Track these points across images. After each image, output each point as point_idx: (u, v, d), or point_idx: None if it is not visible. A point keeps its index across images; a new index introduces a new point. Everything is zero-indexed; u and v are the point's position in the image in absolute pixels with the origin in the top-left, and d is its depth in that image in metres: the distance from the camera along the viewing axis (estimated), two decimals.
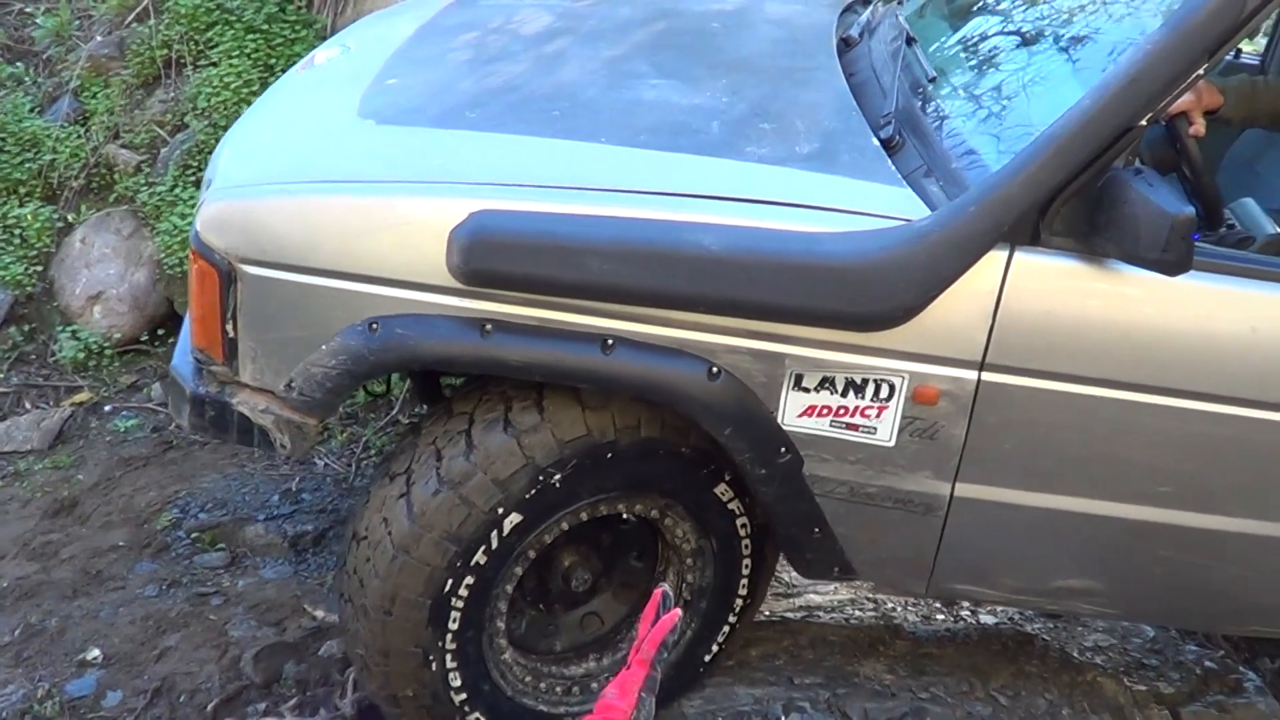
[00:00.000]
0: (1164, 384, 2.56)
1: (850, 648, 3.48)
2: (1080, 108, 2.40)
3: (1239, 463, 2.68)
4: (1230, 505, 2.74)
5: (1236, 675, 3.82)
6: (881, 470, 2.62)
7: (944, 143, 2.65)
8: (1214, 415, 2.60)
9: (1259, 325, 2.56)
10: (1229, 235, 3.01)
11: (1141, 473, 2.67)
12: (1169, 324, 2.54)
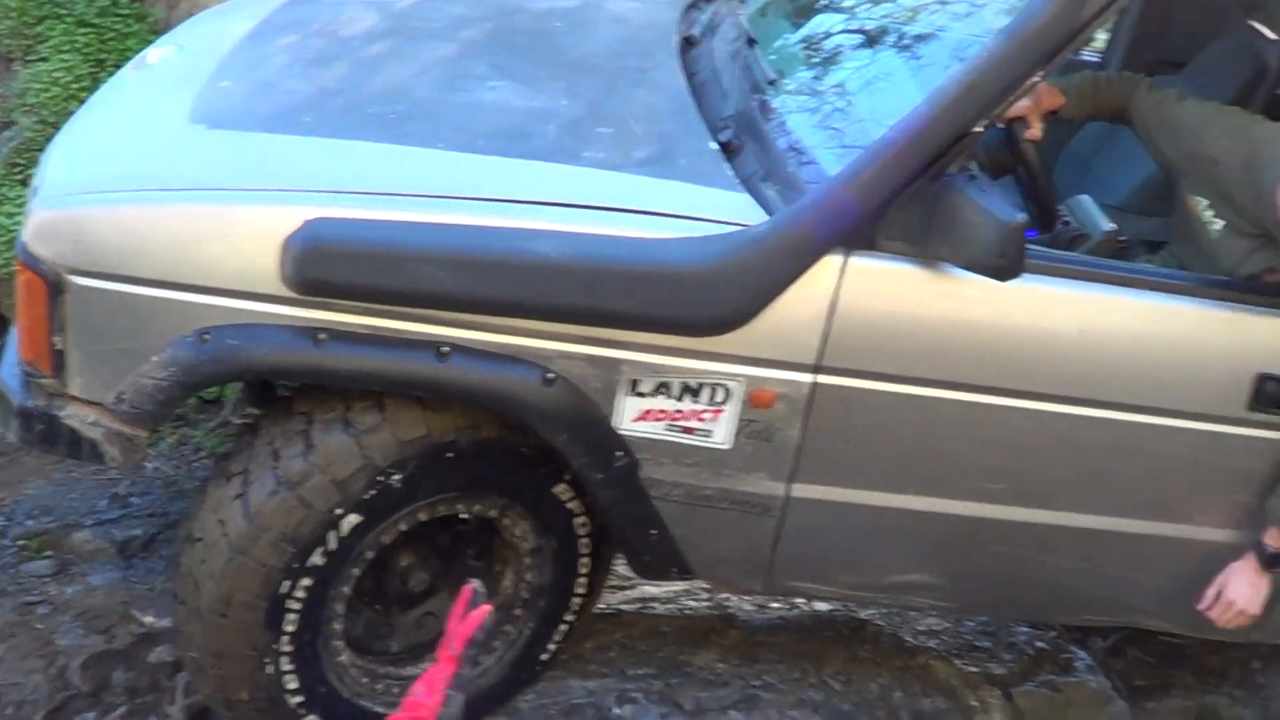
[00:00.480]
0: (997, 384, 2.66)
1: (684, 638, 3.54)
2: (917, 113, 2.46)
3: (1069, 459, 2.79)
4: (1061, 500, 2.86)
5: (1068, 655, 3.97)
6: (718, 473, 2.67)
7: (782, 146, 2.69)
8: (1045, 414, 2.70)
9: (1087, 325, 2.67)
10: (1065, 232, 3.13)
11: (975, 470, 2.77)
12: (1001, 325, 2.63)
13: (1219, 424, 2.76)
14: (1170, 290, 2.74)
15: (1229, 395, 2.73)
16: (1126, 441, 2.78)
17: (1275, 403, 2.75)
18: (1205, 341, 2.73)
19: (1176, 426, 2.75)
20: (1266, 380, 2.72)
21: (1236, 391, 2.73)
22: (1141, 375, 2.72)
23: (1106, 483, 2.85)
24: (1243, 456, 2.83)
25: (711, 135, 2.76)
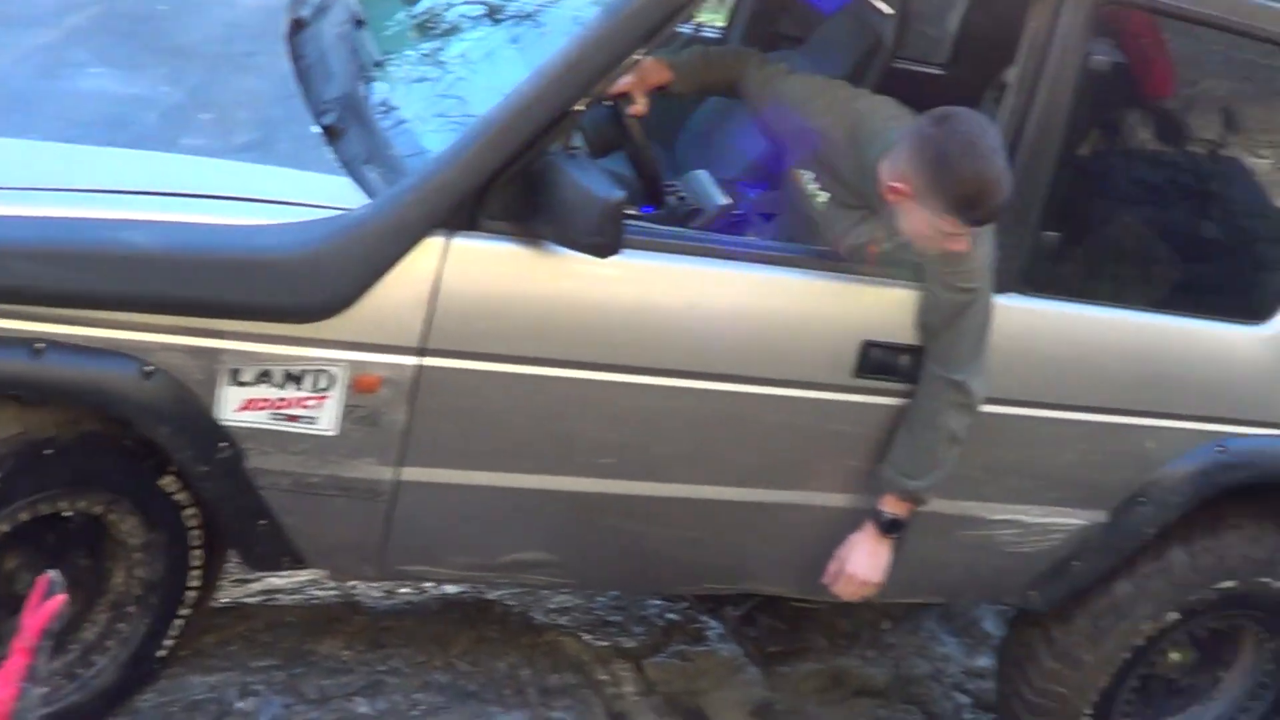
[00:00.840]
0: (606, 360, 2.93)
1: (308, 628, 3.72)
2: (517, 92, 2.73)
3: (682, 432, 3.09)
4: (674, 472, 3.16)
5: (699, 625, 4.38)
6: (325, 460, 2.86)
7: (385, 129, 2.93)
8: (656, 388, 2.98)
9: (696, 300, 2.99)
10: (680, 208, 3.44)
11: (586, 446, 3.04)
12: (608, 303, 2.92)
13: (827, 391, 3.06)
14: (777, 262, 3.08)
15: (836, 363, 3.03)
16: (738, 412, 3.04)
17: (879, 369, 3.11)
18: (812, 311, 3.03)
19: (786, 395, 3.04)
20: (871, 347, 3.04)
21: (843, 359, 3.03)
22: (750, 346, 2.98)
23: (720, 453, 3.10)
24: (850, 422, 3.13)
25: (314, 119, 2.97)
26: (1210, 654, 4.19)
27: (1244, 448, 3.61)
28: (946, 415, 3.08)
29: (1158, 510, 3.58)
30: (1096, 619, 3.77)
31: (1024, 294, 3.24)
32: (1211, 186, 3.60)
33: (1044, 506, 3.51)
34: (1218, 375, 3.56)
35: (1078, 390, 3.38)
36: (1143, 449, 3.53)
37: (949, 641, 4.73)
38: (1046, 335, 3.34)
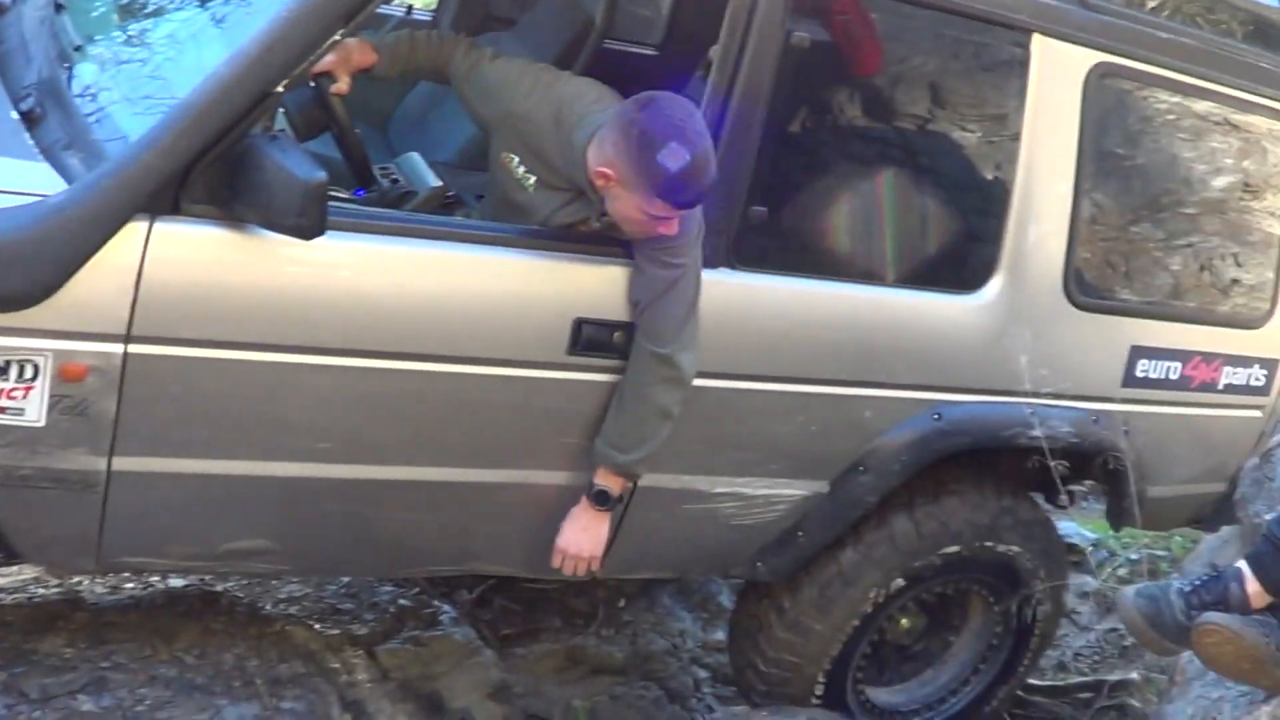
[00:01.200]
0: (319, 344, 3.10)
1: (29, 626, 3.80)
2: (216, 75, 2.89)
3: (398, 414, 3.28)
4: (392, 455, 3.35)
5: (432, 610, 4.63)
6: (34, 451, 2.93)
7: (85, 114, 3.06)
8: (370, 371, 3.17)
9: (406, 281, 3.18)
10: (393, 190, 3.65)
11: (302, 431, 3.21)
12: (317, 285, 3.09)
13: (543, 370, 3.28)
14: (489, 242, 3.30)
15: (550, 341, 3.25)
16: (453, 393, 3.24)
17: (593, 346, 3.34)
18: (524, 290, 3.24)
19: (501, 375, 3.25)
20: (583, 324, 3.27)
21: (557, 337, 3.26)
22: (463, 326, 3.18)
23: (437, 435, 3.30)
24: (566, 400, 3.36)
25: (13, 104, 3.08)
26: (940, 619, 4.60)
27: (959, 415, 3.96)
28: (655, 389, 3.33)
29: (878, 479, 3.92)
30: (824, 588, 4.10)
31: (734, 269, 3.52)
32: (921, 161, 3.91)
33: (765, 479, 3.81)
34: (932, 345, 3.90)
35: (793, 362, 3.68)
36: (861, 419, 3.85)
37: (685, 617, 5.06)
38: (758, 309, 3.62)
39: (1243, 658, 2.86)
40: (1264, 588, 2.96)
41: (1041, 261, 4.00)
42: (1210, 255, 4.44)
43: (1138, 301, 4.31)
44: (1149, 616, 3.05)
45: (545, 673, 4.63)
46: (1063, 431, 4.08)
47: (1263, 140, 4.48)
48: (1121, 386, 4.27)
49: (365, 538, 3.51)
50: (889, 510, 4.10)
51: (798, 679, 4.23)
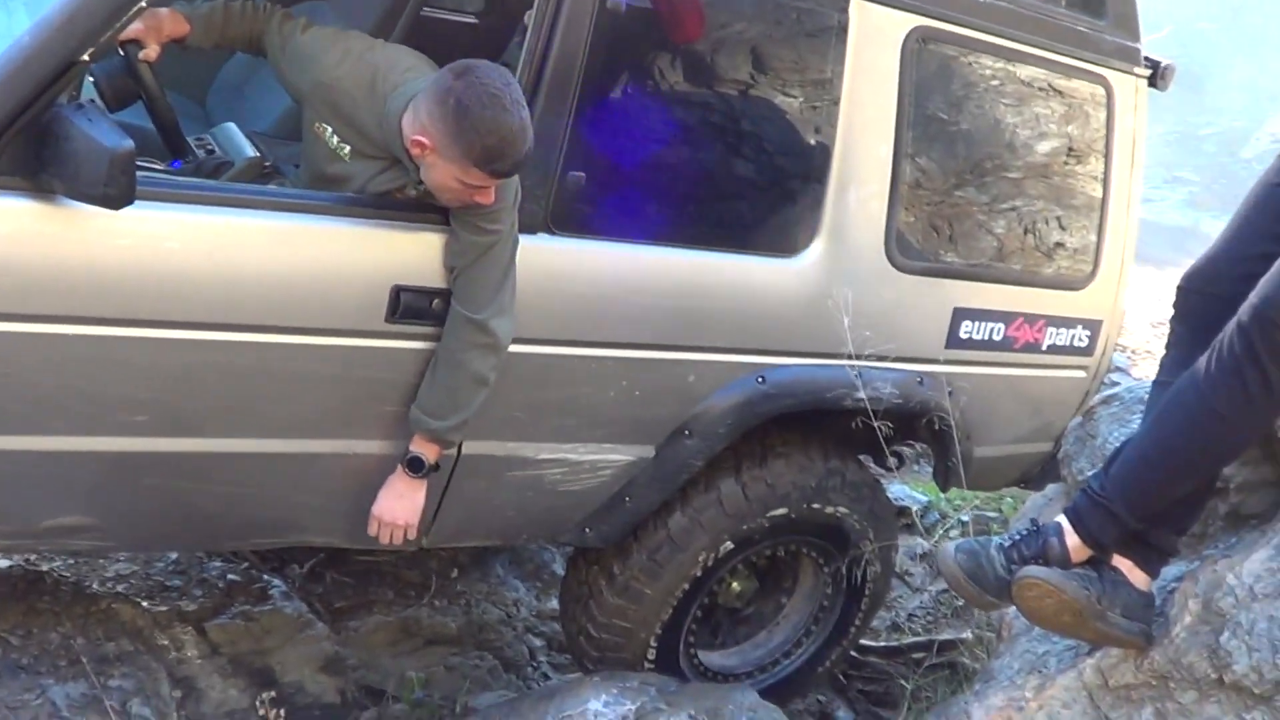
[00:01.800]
0: (133, 315, 3.11)
1: None
2: (18, 45, 2.88)
3: (216, 385, 3.30)
4: (211, 427, 3.38)
5: (262, 584, 4.68)
6: None
7: None
8: (185, 342, 3.18)
9: (220, 251, 3.20)
10: (209, 160, 3.68)
11: (118, 405, 3.22)
12: (128, 256, 3.09)
13: (362, 338, 3.33)
14: (304, 210, 3.33)
15: (369, 309, 3.30)
16: (272, 363, 3.26)
17: (411, 314, 3.39)
18: (342, 258, 3.29)
19: (320, 344, 3.28)
20: (401, 292, 3.32)
21: (375, 305, 3.30)
22: (281, 296, 3.20)
23: (256, 405, 3.32)
24: (386, 368, 3.40)
25: None
26: (771, 582, 4.73)
27: (783, 378, 4.07)
28: (470, 355, 3.38)
29: (703, 443, 4.01)
30: (653, 552, 4.20)
31: (552, 234, 3.59)
32: (742, 126, 3.99)
33: (591, 444, 3.89)
34: (754, 308, 4.00)
35: (614, 327, 3.76)
36: (685, 383, 3.94)
37: (519, 586, 5.15)
38: (578, 275, 3.69)
39: (1064, 610, 2.93)
40: (1083, 541, 3.02)
41: (863, 224, 4.12)
42: (1034, 218, 4.59)
43: (961, 264, 4.44)
44: (969, 571, 3.09)
45: (379, 645, 4.68)
46: (887, 393, 4.19)
47: (1085, 105, 4.64)
48: (945, 348, 4.41)
49: (188, 511, 3.55)
50: (716, 474, 4.20)
51: (630, 644, 4.32)
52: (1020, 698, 3.21)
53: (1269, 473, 3.24)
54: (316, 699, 4.40)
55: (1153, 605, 3.05)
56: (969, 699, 3.47)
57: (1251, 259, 2.93)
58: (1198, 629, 2.92)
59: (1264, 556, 2.90)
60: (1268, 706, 2.74)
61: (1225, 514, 3.34)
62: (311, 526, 3.81)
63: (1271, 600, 2.81)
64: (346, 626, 4.69)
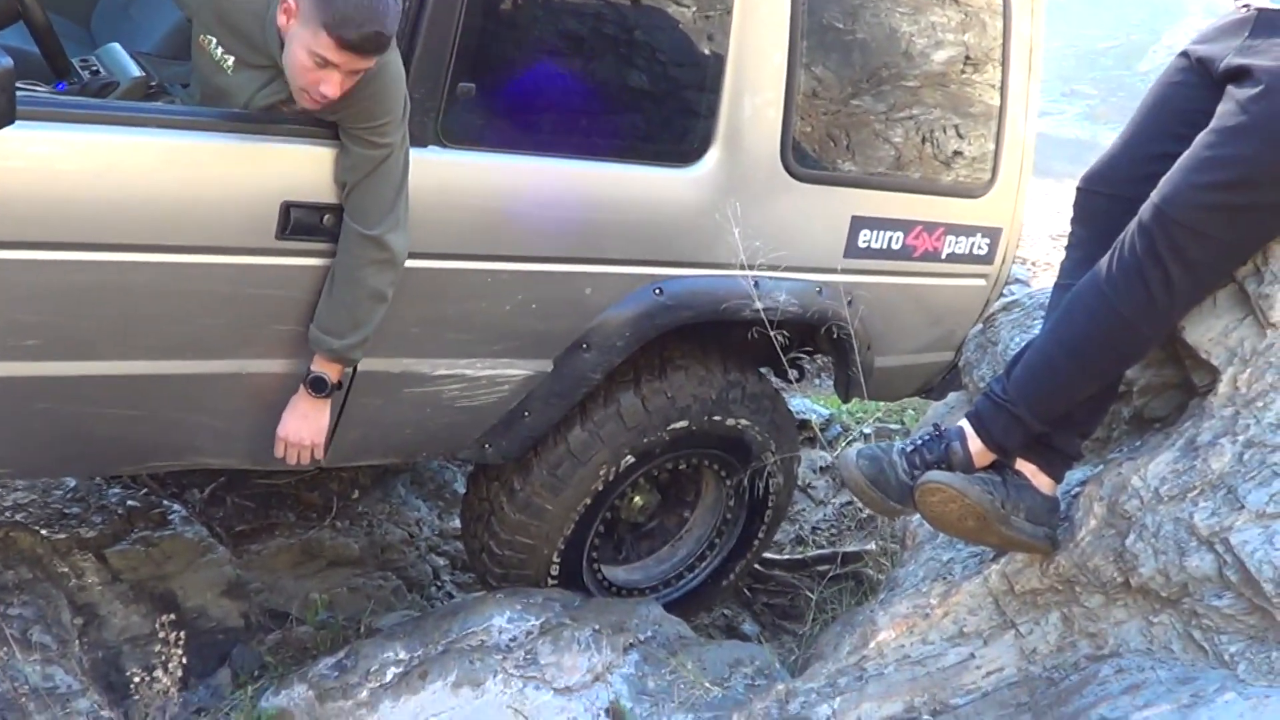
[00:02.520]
0: (13, 238, 3.06)
1: None
2: None
3: (103, 307, 3.25)
4: (102, 349, 3.32)
5: (161, 509, 4.66)
6: None
7: None
8: (71, 263, 3.14)
9: (105, 170, 3.14)
10: (94, 81, 3.61)
11: (5, 329, 3.17)
12: (15, 177, 3.03)
13: (252, 255, 3.29)
14: (189, 127, 3.26)
15: (258, 226, 3.26)
16: (161, 283, 3.24)
17: (301, 230, 3.35)
18: (229, 175, 3.23)
19: (209, 263, 3.25)
20: (291, 208, 3.28)
21: (265, 222, 3.26)
22: (168, 214, 3.16)
23: (147, 327, 3.30)
24: (278, 285, 3.37)
25: None
26: (674, 496, 4.76)
27: (680, 289, 4.07)
28: (366, 272, 3.36)
29: (601, 355, 4.01)
30: (554, 467, 4.21)
31: (444, 146, 3.55)
32: (635, 34, 3.94)
33: (487, 359, 3.88)
34: (651, 219, 3.99)
35: (507, 240, 3.73)
36: (581, 296, 3.93)
37: (420, 506, 5.16)
38: (470, 187, 3.65)
39: (967, 515, 2.93)
40: (986, 445, 3.02)
41: (758, 134, 4.11)
42: (932, 127, 4.60)
43: (858, 172, 4.44)
44: (871, 477, 3.07)
45: (281, 568, 4.69)
46: (785, 303, 4.19)
47: (982, 14, 4.64)
48: (844, 257, 4.42)
49: (82, 436, 3.51)
50: (616, 387, 4.22)
51: (533, 560, 4.34)
52: (926, 605, 3.24)
53: (1172, 375, 3.25)
54: (220, 623, 4.39)
55: (1057, 510, 3.06)
56: (874, 608, 3.50)
57: (1151, 159, 2.95)
58: (1103, 533, 2.94)
59: (1169, 459, 2.91)
60: (1174, 609, 2.77)
61: (1129, 417, 3.36)
62: (209, 448, 3.77)
63: (1176, 503, 2.82)
64: (248, 550, 4.69)
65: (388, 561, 4.87)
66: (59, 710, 3.50)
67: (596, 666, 3.87)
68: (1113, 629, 2.86)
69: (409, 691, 3.71)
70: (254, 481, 4.75)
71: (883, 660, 3.17)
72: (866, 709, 3.05)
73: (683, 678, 3.83)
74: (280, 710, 3.71)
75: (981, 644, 3.05)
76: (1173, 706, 2.51)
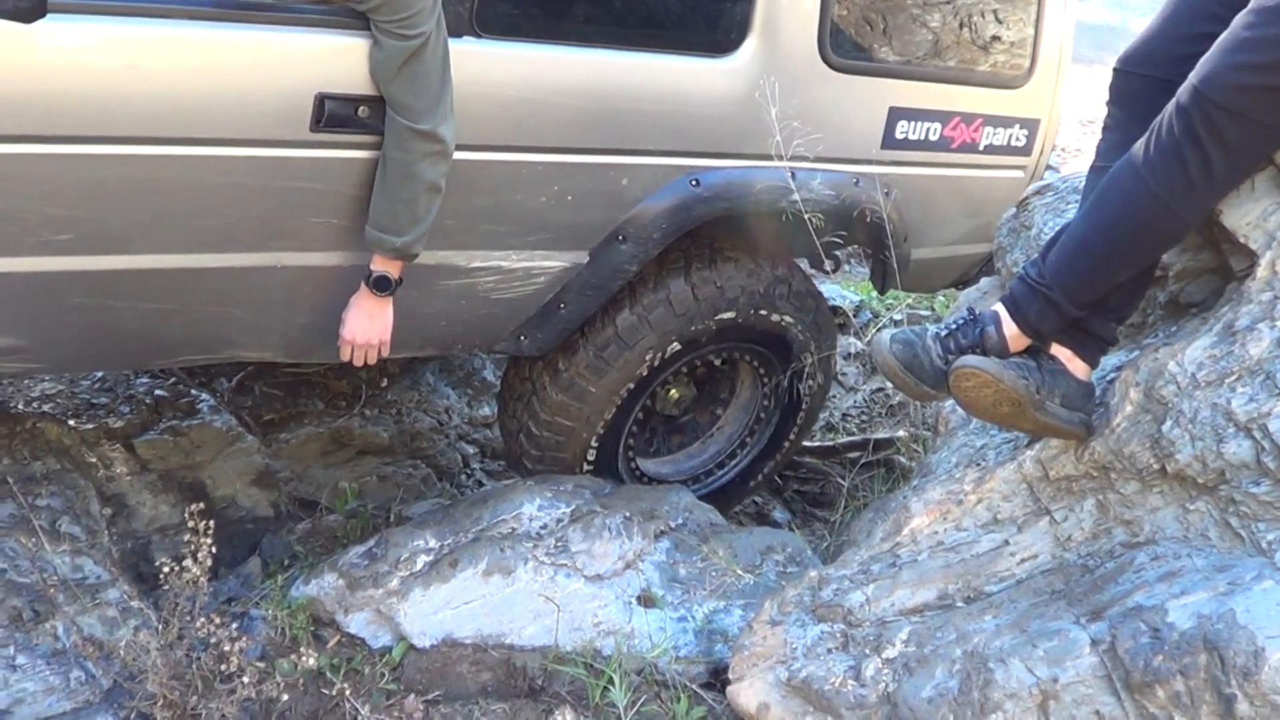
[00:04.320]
0: (47, 132, 3.12)
1: None
2: None
3: (139, 200, 3.31)
4: (137, 243, 3.40)
5: (189, 399, 4.77)
6: None
7: None
8: (104, 157, 3.19)
9: (139, 62, 3.18)
10: None
11: (40, 224, 3.24)
12: (43, 70, 3.09)
13: (286, 148, 3.34)
14: (224, 19, 3.26)
15: (292, 118, 3.30)
16: (196, 176, 3.27)
17: (335, 122, 3.40)
18: (264, 67, 3.26)
19: (245, 155, 3.30)
20: (325, 99, 3.32)
21: (299, 113, 3.30)
22: (200, 106, 3.20)
23: (182, 220, 3.34)
24: (314, 178, 3.42)
25: None
26: (709, 392, 4.84)
27: (716, 180, 4.14)
28: (421, 166, 3.42)
29: (637, 247, 4.09)
30: (600, 350, 4.30)
31: (478, 36, 3.60)
32: None
33: (523, 251, 3.96)
34: (687, 110, 4.04)
35: (544, 132, 3.78)
36: (617, 187, 4.00)
37: (450, 394, 5.24)
38: (505, 78, 3.70)
39: (1002, 400, 2.96)
40: (1021, 329, 3.05)
41: (795, 23, 4.16)
42: (969, 11, 4.64)
43: (896, 62, 4.49)
44: (905, 361, 3.09)
45: (310, 456, 4.78)
46: (823, 194, 4.27)
47: None
48: (881, 148, 4.49)
49: (117, 330, 3.59)
50: (667, 274, 4.32)
51: (570, 443, 4.45)
52: (959, 491, 3.29)
53: (1209, 259, 3.27)
54: (249, 512, 4.52)
55: (1092, 395, 3.09)
56: (907, 494, 3.56)
57: (1190, 39, 2.95)
58: (1139, 418, 2.97)
59: (1206, 344, 2.92)
60: (1211, 496, 2.80)
61: (1165, 302, 3.39)
62: (243, 342, 3.86)
63: (1214, 388, 2.85)
64: (277, 439, 4.78)
65: (417, 450, 4.96)
66: (88, 600, 3.60)
67: (628, 554, 3.98)
68: (1148, 516, 2.91)
69: (439, 580, 3.82)
70: (282, 370, 4.83)
71: (916, 547, 3.24)
72: (900, 596, 3.14)
73: (714, 565, 3.94)
74: (310, 599, 3.83)
75: (1016, 530, 3.12)
76: (1209, 594, 2.57)
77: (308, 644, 3.56)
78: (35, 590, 3.56)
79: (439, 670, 3.60)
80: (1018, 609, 2.93)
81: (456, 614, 3.74)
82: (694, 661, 3.62)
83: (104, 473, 4.26)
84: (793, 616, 3.27)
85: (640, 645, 3.64)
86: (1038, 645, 2.76)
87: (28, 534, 3.71)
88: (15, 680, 3.25)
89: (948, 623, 2.99)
